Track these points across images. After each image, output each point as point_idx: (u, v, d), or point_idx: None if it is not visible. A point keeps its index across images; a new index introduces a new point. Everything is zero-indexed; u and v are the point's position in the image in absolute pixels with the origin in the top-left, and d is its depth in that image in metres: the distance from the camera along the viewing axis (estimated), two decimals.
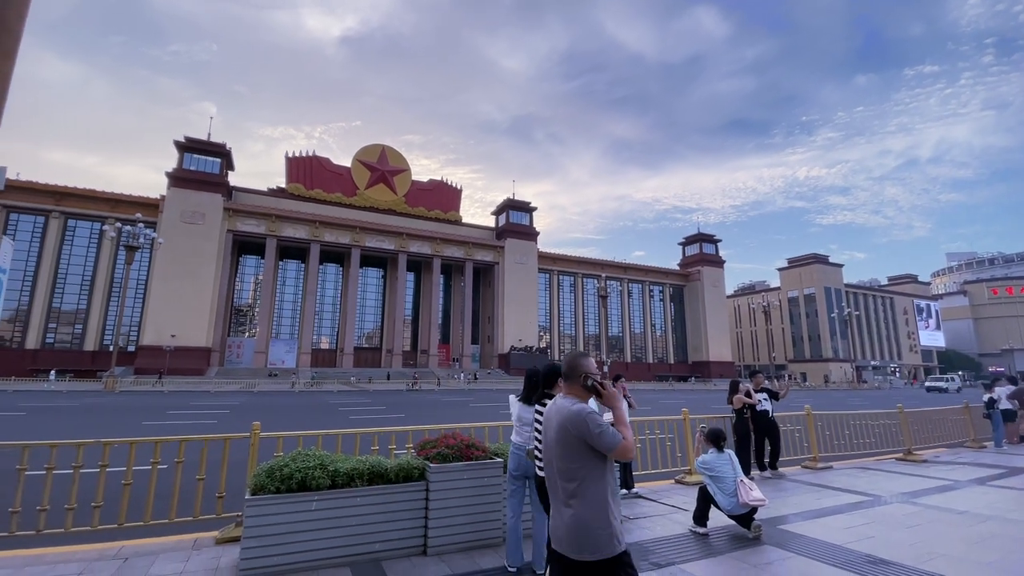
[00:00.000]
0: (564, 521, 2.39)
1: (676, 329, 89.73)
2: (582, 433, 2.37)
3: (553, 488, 2.51)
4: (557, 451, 2.47)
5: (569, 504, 2.38)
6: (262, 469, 4.53)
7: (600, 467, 2.41)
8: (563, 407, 2.50)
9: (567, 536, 2.36)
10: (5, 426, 14.78)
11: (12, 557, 4.53)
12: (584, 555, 2.31)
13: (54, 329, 52.61)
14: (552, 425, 2.52)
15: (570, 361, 2.62)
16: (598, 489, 2.37)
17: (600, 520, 2.34)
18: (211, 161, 57.40)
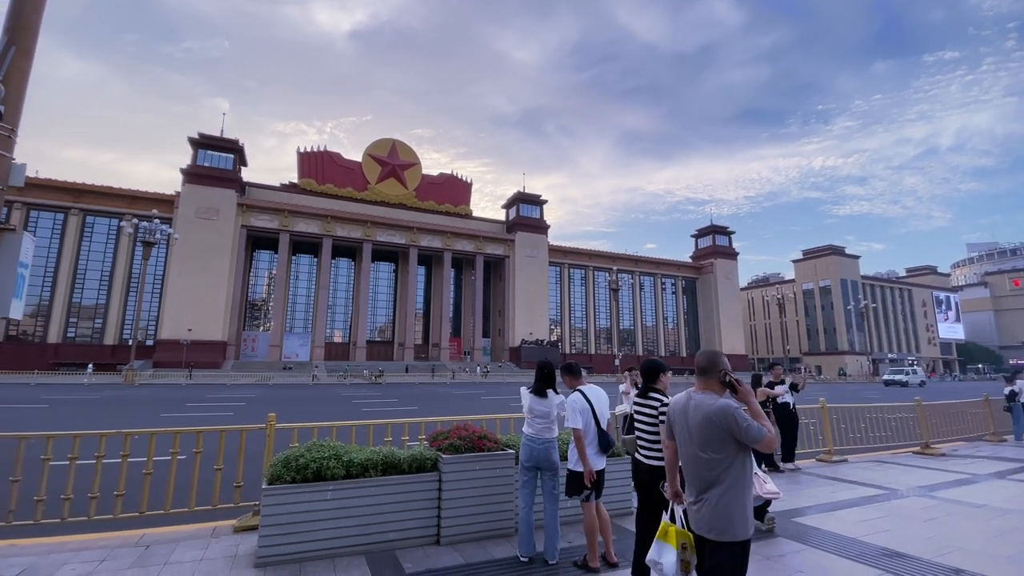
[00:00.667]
0: (705, 508, 2.61)
1: (688, 322, 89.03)
2: (729, 426, 2.55)
3: (691, 475, 2.72)
4: (699, 442, 2.65)
5: (712, 491, 2.59)
6: (278, 459, 4.61)
7: (741, 457, 2.61)
8: (705, 402, 2.68)
9: (710, 519, 2.57)
10: (30, 417, 15.20)
11: (37, 544, 4.68)
12: (726, 536, 2.53)
13: (75, 324, 53.77)
14: (692, 417, 2.71)
15: (711, 358, 2.79)
16: (739, 477, 2.59)
17: (740, 505, 2.56)
18: (224, 157, 57.98)
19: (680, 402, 2.86)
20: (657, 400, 3.90)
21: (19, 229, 4.36)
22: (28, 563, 4.20)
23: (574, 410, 4.36)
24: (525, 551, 4.48)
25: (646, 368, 4.14)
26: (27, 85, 4.42)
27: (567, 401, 4.48)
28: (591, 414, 4.41)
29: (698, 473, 2.67)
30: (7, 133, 4.15)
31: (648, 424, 3.92)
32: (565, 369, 4.83)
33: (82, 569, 4.15)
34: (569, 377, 4.79)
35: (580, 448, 4.28)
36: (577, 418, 4.34)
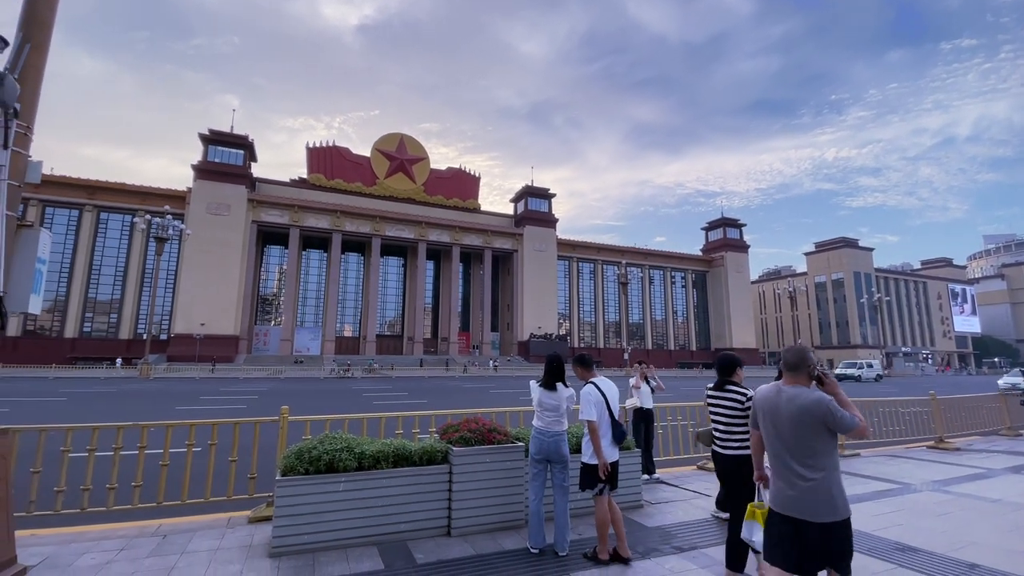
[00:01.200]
0: (799, 491, 2.79)
1: (698, 315, 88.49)
2: (824, 417, 2.75)
3: (781, 463, 2.91)
4: (792, 432, 2.85)
5: (805, 477, 2.78)
6: (291, 451, 4.67)
7: (834, 444, 2.83)
8: (800, 394, 2.87)
9: (806, 502, 2.76)
10: (49, 410, 15.53)
11: (57, 534, 4.79)
12: (826, 517, 2.72)
13: (91, 318, 54.70)
14: (785, 408, 2.90)
15: (800, 355, 2.99)
16: (833, 462, 2.80)
17: (837, 487, 2.77)
18: (234, 153, 58.38)
19: (768, 394, 3.06)
20: (740, 393, 4.08)
21: (36, 225, 4.43)
22: (49, 552, 4.31)
23: (588, 402, 4.37)
24: (535, 543, 4.51)
25: (723, 363, 4.29)
26: (42, 82, 4.47)
27: (581, 393, 4.47)
28: (605, 406, 4.42)
29: (792, 459, 2.86)
30: (23, 131, 4.20)
31: (727, 416, 4.09)
32: (578, 361, 4.80)
33: (101, 558, 4.24)
34: (582, 369, 4.78)
35: (595, 440, 4.28)
36: (591, 410, 4.34)
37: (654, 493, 6.61)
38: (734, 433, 4.05)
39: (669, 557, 4.50)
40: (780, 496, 2.89)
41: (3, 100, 3.86)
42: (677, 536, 5.05)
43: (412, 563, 4.23)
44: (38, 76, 4.40)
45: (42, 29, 4.41)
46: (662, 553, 4.59)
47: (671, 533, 5.14)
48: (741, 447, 3.99)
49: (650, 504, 6.10)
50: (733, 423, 4.06)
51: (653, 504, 6.12)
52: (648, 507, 5.99)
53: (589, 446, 4.39)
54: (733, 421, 4.06)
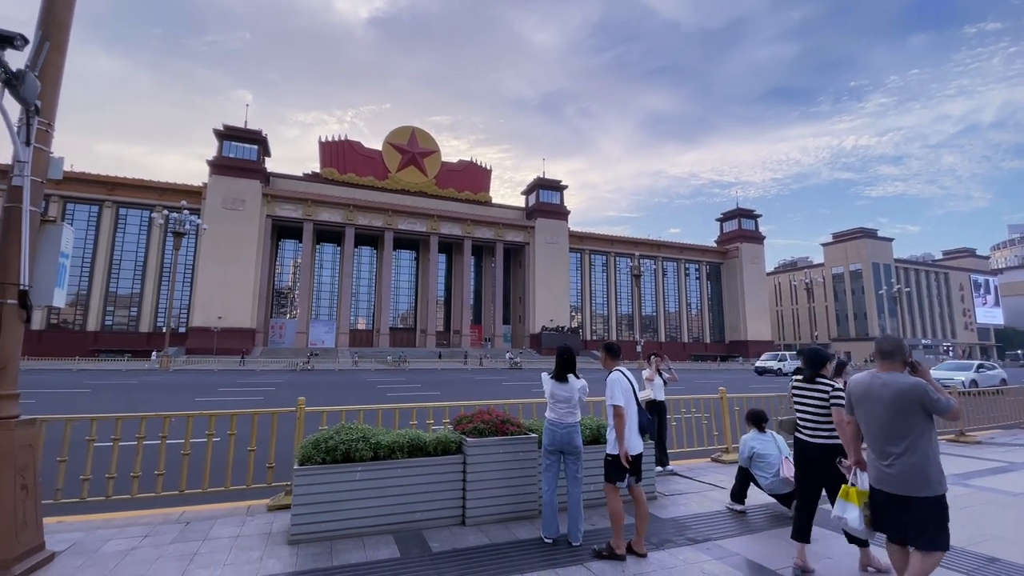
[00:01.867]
0: (898, 469, 3.07)
1: (713, 307, 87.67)
2: (921, 400, 3.02)
3: (881, 444, 3.18)
4: (892, 414, 3.12)
5: (902, 456, 3.06)
6: (308, 441, 4.74)
7: (930, 425, 3.09)
8: (896, 380, 3.14)
9: (904, 479, 3.05)
10: (73, 401, 15.96)
11: (84, 521, 4.94)
12: (924, 492, 3.00)
13: (112, 312, 55.98)
14: (881, 393, 3.17)
15: (896, 344, 3.28)
16: (930, 441, 3.07)
17: (934, 465, 3.03)
18: (248, 148, 59.00)
19: (864, 381, 3.33)
20: (828, 385, 4.23)
21: (58, 221, 4.53)
22: (76, 539, 4.44)
23: (617, 388, 4.33)
24: (549, 533, 4.54)
25: (813, 356, 4.48)
26: (61, 80, 4.55)
27: (609, 379, 4.43)
28: (632, 394, 4.41)
29: (890, 441, 3.12)
30: (45, 128, 4.28)
31: (815, 407, 4.26)
32: (607, 348, 4.80)
33: (127, 544, 4.37)
34: (609, 357, 4.75)
35: (620, 427, 4.24)
36: (619, 395, 4.30)
37: (668, 485, 6.60)
38: (822, 423, 4.23)
39: (683, 548, 4.50)
40: (882, 475, 3.18)
41: (25, 98, 3.93)
42: (691, 528, 5.05)
43: (428, 551, 4.28)
44: (58, 74, 4.47)
45: (60, 28, 4.47)
46: (676, 544, 4.59)
47: (685, 525, 5.13)
48: (830, 436, 4.18)
49: (664, 496, 6.10)
50: (821, 414, 4.23)
51: (667, 496, 6.11)
52: (662, 499, 5.99)
53: (613, 434, 4.34)
54: (821, 412, 4.23)
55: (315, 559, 4.09)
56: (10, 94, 3.82)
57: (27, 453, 3.94)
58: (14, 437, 3.82)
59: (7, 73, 3.73)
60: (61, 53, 4.49)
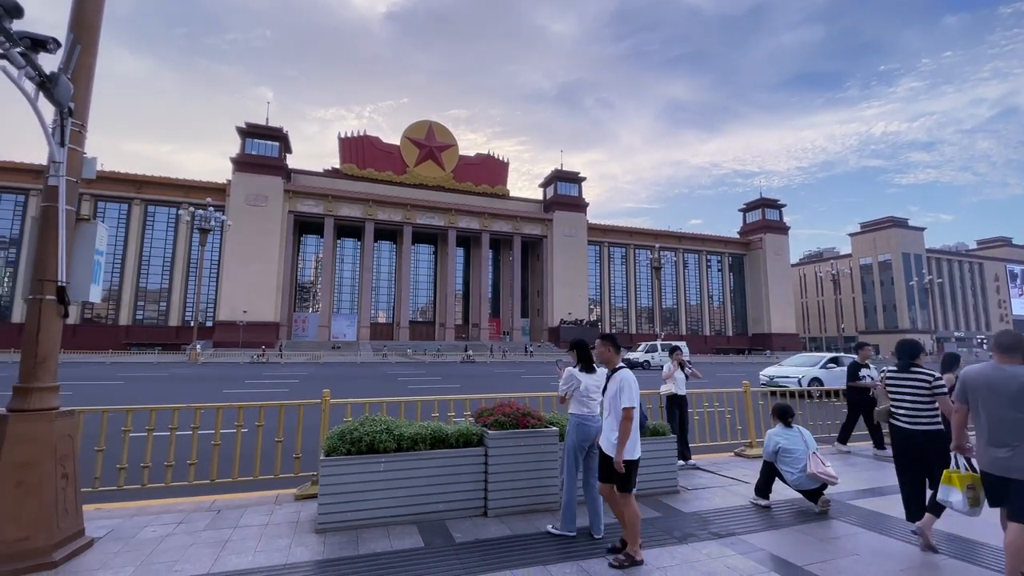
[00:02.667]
0: (1018, 454, 3.25)
1: (735, 300, 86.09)
2: None
3: (1001, 431, 3.33)
4: (1015, 404, 3.29)
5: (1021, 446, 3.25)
6: (334, 432, 4.84)
7: None
8: (1020, 372, 3.32)
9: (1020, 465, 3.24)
10: (108, 393, 16.56)
11: (121, 508, 5.13)
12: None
13: (142, 307, 57.77)
14: (1003, 384, 3.34)
15: (1017, 339, 3.46)
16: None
17: None
18: (270, 145, 59.98)
19: (984, 372, 3.48)
20: (928, 374, 4.54)
21: (92, 219, 4.67)
22: (114, 525, 4.62)
23: (633, 388, 4.08)
24: (569, 529, 4.52)
25: (907, 348, 4.80)
26: (93, 81, 4.67)
27: (624, 377, 4.11)
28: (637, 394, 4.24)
29: (1013, 431, 3.28)
30: (78, 128, 4.41)
31: (914, 395, 4.53)
32: (609, 339, 4.42)
33: (162, 531, 4.53)
34: (613, 349, 4.38)
35: (627, 431, 3.99)
36: (635, 397, 4.07)
37: (690, 479, 6.54)
38: (922, 411, 4.49)
39: (707, 543, 4.46)
40: (996, 460, 3.34)
41: (59, 99, 4.05)
42: (714, 522, 5.00)
43: (451, 542, 4.33)
44: (89, 75, 4.59)
45: (90, 30, 4.58)
46: (699, 539, 4.55)
47: (708, 519, 5.09)
48: (931, 422, 4.41)
49: (686, 490, 6.05)
50: (920, 401, 4.49)
51: (689, 490, 6.06)
52: (684, 493, 5.94)
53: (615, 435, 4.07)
54: (920, 399, 4.50)
55: (342, 547, 4.18)
56: (44, 96, 3.94)
57: (67, 443, 4.10)
58: (54, 428, 3.98)
59: (41, 76, 3.84)
60: (91, 55, 4.61)
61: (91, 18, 4.60)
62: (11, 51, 3.56)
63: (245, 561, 3.92)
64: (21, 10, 3.54)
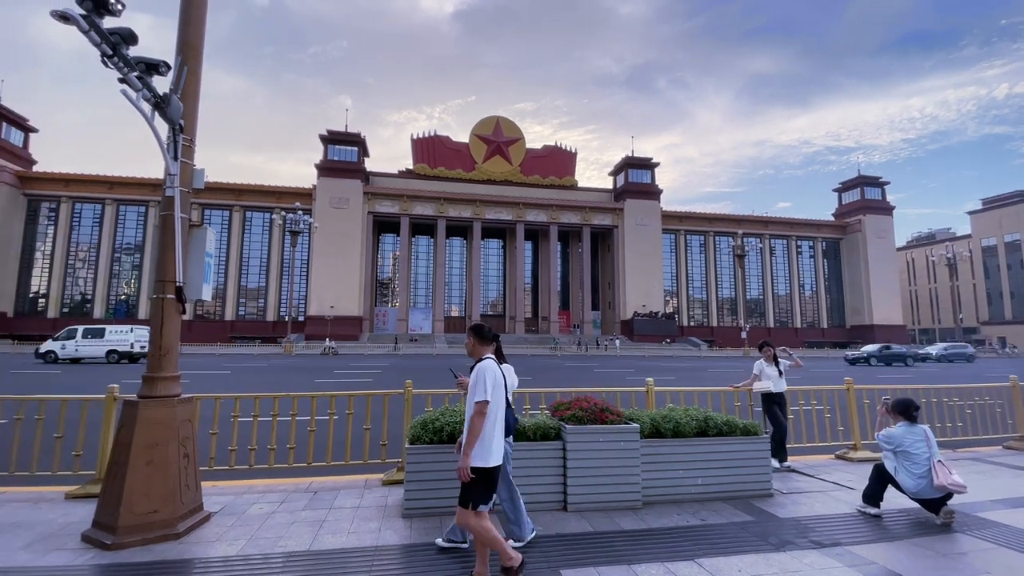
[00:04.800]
0: None
1: (830, 289, 78.89)
2: None
3: None
4: None
5: None
6: (417, 422, 5.02)
7: None
8: None
9: None
10: (218, 381, 18.44)
11: (232, 486, 5.66)
12: None
13: (244, 303, 63.89)
14: None
15: None
16: None
17: None
18: (349, 150, 63.79)
19: None
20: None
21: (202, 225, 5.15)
22: (227, 501, 5.11)
23: (488, 378, 3.48)
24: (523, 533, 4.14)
25: None
26: (199, 100, 5.13)
27: (479, 367, 3.56)
28: (504, 388, 3.66)
29: None
30: (188, 143, 4.87)
31: None
32: (476, 332, 3.88)
33: (268, 508, 4.94)
34: (480, 342, 3.84)
35: (477, 428, 3.40)
36: (486, 389, 3.45)
37: (786, 482, 6.07)
38: None
39: (807, 552, 4.11)
40: None
41: (171, 117, 4.49)
42: (815, 530, 4.59)
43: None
44: (195, 95, 5.05)
45: (194, 54, 5.03)
46: (798, 547, 4.20)
47: (808, 526, 4.68)
48: None
49: (781, 494, 5.62)
50: None
51: (785, 494, 5.63)
52: (779, 496, 5.52)
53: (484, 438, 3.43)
54: None
55: (427, 533, 4.32)
56: (159, 115, 4.40)
57: (187, 426, 4.58)
58: (177, 413, 4.46)
59: (156, 97, 4.28)
60: (196, 76, 5.06)
61: (194, 41, 5.05)
62: (129, 75, 3.99)
63: (339, 541, 4.17)
64: (136, 38, 3.96)
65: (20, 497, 5.13)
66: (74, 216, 60.31)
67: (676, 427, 5.36)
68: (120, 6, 3.72)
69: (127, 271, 61.45)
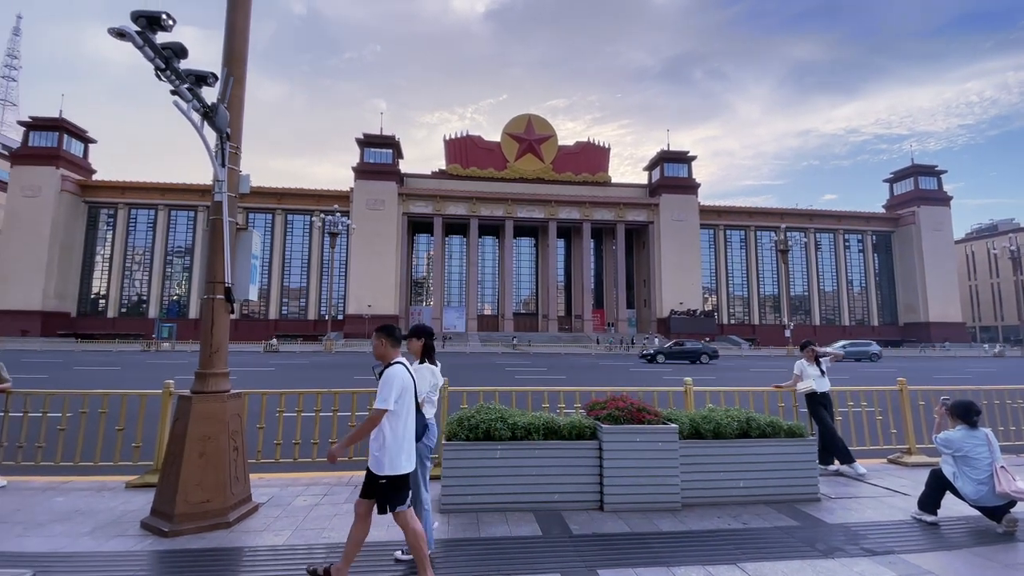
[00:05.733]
0: None
1: (881, 285, 74.81)
2: None
3: None
4: None
5: None
6: (453, 419, 5.10)
7: None
8: None
9: None
10: (263, 378, 19.20)
11: (278, 478, 5.90)
12: None
13: (286, 303, 66.28)
14: None
15: None
16: None
17: None
18: (384, 153, 65.07)
19: None
20: None
21: (248, 228, 5.38)
22: (273, 493, 5.33)
23: (395, 384, 3.38)
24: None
25: None
26: (244, 109, 5.35)
27: (387, 374, 3.45)
28: (413, 392, 3.54)
29: None
30: (234, 150, 5.09)
31: None
32: (386, 332, 3.65)
33: (311, 500, 5.12)
34: (391, 343, 3.63)
35: (365, 431, 3.37)
36: (389, 398, 3.33)
37: (834, 487, 5.83)
38: None
39: (858, 559, 3.93)
40: None
41: (219, 126, 4.71)
42: (866, 537, 4.39)
43: (568, 533, 4.32)
44: (241, 104, 5.27)
45: (239, 64, 5.25)
46: (848, 554, 4.03)
47: (858, 533, 4.49)
48: None
49: (829, 498, 5.40)
50: None
51: (833, 499, 5.41)
52: (827, 501, 5.31)
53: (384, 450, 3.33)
54: None
55: (464, 529, 4.38)
56: (208, 124, 4.61)
57: (236, 421, 4.80)
58: (227, 408, 4.68)
59: (204, 107, 4.49)
60: (241, 86, 5.28)
61: (240, 52, 5.27)
62: (180, 87, 4.20)
63: (381, 534, 4.27)
64: (186, 51, 4.17)
65: (85, 486, 5.50)
66: (130, 221, 64.07)
67: (717, 428, 5.24)
68: (171, 22, 3.93)
69: (178, 272, 64.78)
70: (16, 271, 56.35)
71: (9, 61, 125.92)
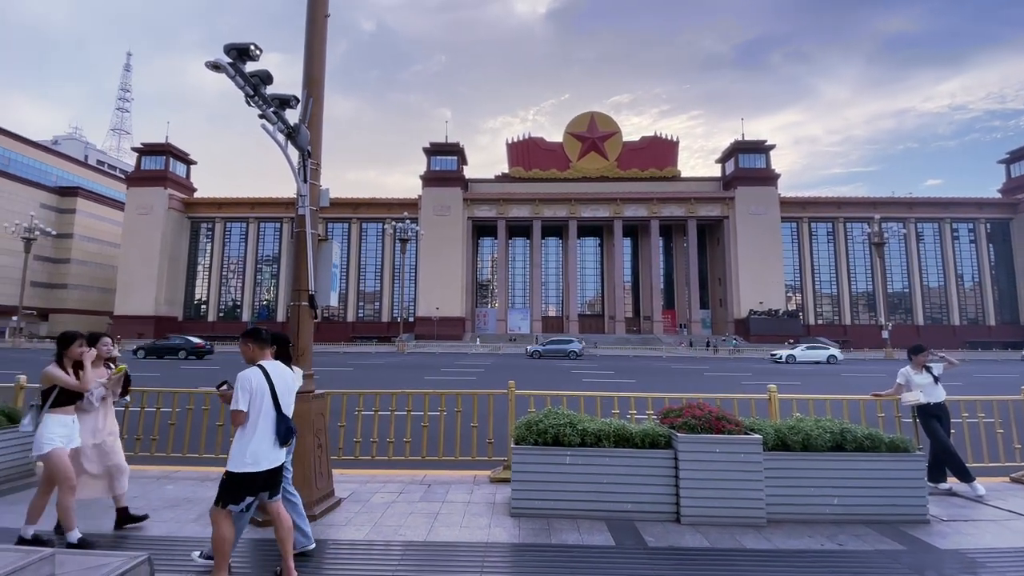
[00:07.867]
0: None
1: (998, 279, 65.78)
2: None
3: None
4: None
5: None
6: (521, 423, 5.10)
7: None
8: None
9: None
10: (343, 377, 20.36)
11: (357, 475, 6.20)
12: None
13: (362, 306, 70.06)
14: None
15: None
16: None
17: None
18: (450, 160, 67.09)
19: None
20: None
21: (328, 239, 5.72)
22: (354, 488, 5.61)
23: (238, 388, 3.38)
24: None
25: None
26: (322, 126, 5.70)
27: (238, 377, 3.43)
28: (269, 394, 3.46)
29: None
30: (315, 167, 5.43)
31: None
32: (252, 336, 3.68)
33: (388, 498, 5.34)
34: (257, 346, 3.64)
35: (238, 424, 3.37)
36: (238, 399, 3.35)
37: (946, 508, 5.21)
38: None
39: None
40: None
41: (301, 145, 5.05)
42: (985, 565, 3.88)
43: (643, 545, 4.18)
44: (319, 122, 5.62)
45: (317, 86, 5.59)
46: None
47: (975, 560, 3.97)
48: None
49: (940, 520, 4.83)
50: None
51: (944, 521, 4.83)
52: (937, 524, 4.75)
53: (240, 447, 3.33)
54: None
55: (535, 534, 4.37)
56: (291, 144, 4.96)
57: (320, 419, 5.11)
58: (311, 407, 4.99)
59: (288, 128, 4.84)
60: (320, 106, 5.62)
61: (317, 75, 5.62)
62: (267, 111, 4.55)
63: (453, 534, 4.37)
64: (272, 78, 4.50)
65: (190, 475, 6.09)
66: (225, 234, 70.79)
67: (806, 440, 4.85)
68: (259, 52, 4.26)
69: (267, 280, 70.56)
70: (134, 281, 64.09)
71: (122, 94, 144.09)
